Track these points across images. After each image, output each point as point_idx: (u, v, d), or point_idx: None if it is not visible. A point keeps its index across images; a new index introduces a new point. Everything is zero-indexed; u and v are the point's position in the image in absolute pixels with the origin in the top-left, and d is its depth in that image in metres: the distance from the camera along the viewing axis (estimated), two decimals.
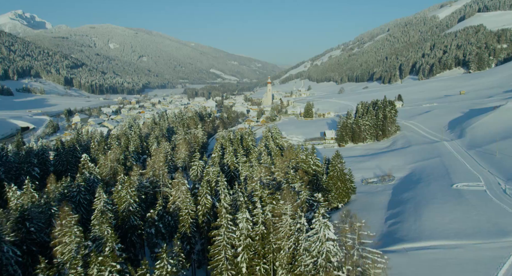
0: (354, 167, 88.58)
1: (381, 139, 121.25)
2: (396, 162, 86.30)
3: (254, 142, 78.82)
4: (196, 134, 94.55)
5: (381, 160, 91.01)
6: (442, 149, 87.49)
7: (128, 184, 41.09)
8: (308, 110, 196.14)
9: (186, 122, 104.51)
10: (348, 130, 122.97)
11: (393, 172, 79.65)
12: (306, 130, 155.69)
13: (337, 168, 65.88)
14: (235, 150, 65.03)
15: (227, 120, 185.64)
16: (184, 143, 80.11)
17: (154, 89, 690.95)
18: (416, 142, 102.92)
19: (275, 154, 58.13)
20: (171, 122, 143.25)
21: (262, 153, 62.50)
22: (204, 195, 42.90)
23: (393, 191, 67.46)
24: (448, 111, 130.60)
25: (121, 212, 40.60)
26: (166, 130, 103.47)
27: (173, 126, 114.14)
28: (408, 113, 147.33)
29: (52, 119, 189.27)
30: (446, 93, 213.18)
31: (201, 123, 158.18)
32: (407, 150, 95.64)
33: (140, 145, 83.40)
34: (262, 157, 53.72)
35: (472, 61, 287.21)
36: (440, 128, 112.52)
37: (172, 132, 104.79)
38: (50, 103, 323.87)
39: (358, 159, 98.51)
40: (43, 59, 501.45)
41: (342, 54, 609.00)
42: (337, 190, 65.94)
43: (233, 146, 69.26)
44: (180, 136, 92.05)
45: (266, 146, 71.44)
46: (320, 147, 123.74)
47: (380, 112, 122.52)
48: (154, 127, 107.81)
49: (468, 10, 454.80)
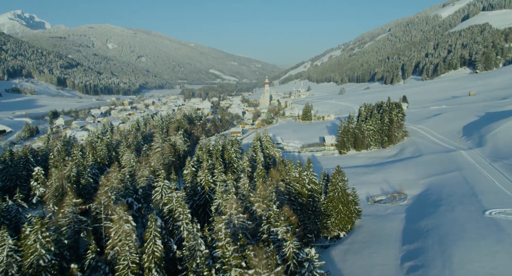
0: (357, 181, 76.17)
1: (386, 145, 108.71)
2: (407, 175, 73.82)
3: (239, 153, 65.98)
4: (174, 142, 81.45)
5: (389, 172, 78.51)
6: (461, 160, 74.95)
7: (39, 227, 28.68)
8: (307, 112, 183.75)
9: (166, 127, 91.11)
10: (350, 136, 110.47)
11: (404, 187, 67.20)
12: (303, 134, 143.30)
13: (338, 187, 53.40)
14: (213, 165, 52.69)
15: (219, 124, 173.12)
16: (156, 154, 67.57)
17: (151, 89, 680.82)
18: (428, 150, 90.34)
19: (258, 174, 45.52)
20: (156, 126, 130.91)
21: (245, 169, 50.32)
22: (152, 239, 30.48)
23: (407, 215, 54.97)
24: (460, 114, 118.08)
25: (27, 268, 28.15)
26: (142, 137, 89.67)
27: (154, 131, 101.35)
28: (415, 116, 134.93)
29: (31, 122, 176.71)
30: (454, 95, 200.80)
31: (190, 126, 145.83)
32: (418, 160, 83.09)
33: (107, 155, 71.03)
34: (241, 180, 41.35)
35: (479, 60, 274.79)
36: (454, 134, 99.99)
37: (152, 138, 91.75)
38: (39, 104, 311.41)
39: (362, 169, 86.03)
40: (36, 59, 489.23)
41: (343, 54, 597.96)
42: (338, 214, 53.48)
43: (212, 158, 56.82)
44: (157, 144, 79.61)
45: (253, 159, 59.04)
46: (319, 155, 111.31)
47: (386, 115, 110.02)
48: (128, 133, 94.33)
49: (472, 9, 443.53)
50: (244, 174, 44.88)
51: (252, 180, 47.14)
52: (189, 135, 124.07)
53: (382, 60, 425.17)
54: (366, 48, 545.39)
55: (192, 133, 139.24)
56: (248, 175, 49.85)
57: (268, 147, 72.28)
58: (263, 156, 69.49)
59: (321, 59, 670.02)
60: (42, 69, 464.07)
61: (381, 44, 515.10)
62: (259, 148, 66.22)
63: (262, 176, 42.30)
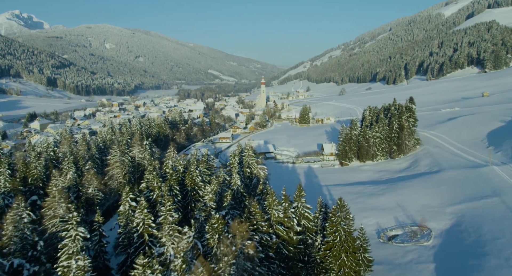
0: (364, 205, 60.39)
1: (395, 156, 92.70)
2: (428, 199, 57.93)
3: (209, 176, 49.11)
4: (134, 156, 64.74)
5: (403, 194, 62.56)
6: (496, 180, 58.98)
7: None
8: (304, 115, 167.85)
9: (126, 138, 73.91)
10: (352, 144, 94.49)
11: (427, 217, 51.38)
12: (300, 140, 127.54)
13: (340, 229, 37.48)
14: (162, 197, 36.58)
15: (208, 128, 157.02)
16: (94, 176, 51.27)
17: (147, 90, 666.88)
18: (449, 164, 74.40)
19: (212, 227, 28.76)
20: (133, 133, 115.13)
21: (207, 206, 34.52)
22: None
23: (438, 267, 39.09)
24: (480, 118, 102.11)
25: None
26: (97, 149, 72.17)
27: (112, 141, 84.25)
28: (426, 120, 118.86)
29: (1, 125, 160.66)
30: (464, 95, 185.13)
31: (173, 132, 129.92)
32: (439, 177, 67.09)
33: (43, 174, 55.17)
34: (183, 240, 25.56)
35: (488, 59, 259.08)
36: (477, 143, 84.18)
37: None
38: (23, 105, 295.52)
39: (368, 188, 70.10)
40: (26, 59, 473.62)
41: (343, 54, 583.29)
42: (340, 267, 37.57)
43: (166, 185, 40.48)
44: (114, 158, 63.52)
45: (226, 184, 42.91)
46: (316, 166, 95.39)
47: (395, 120, 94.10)
48: (74, 146, 76.46)
49: (476, 6, 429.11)
50: (211, 204, 28.71)
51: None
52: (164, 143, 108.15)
53: (383, 60, 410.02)
54: (367, 48, 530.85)
55: (174, 140, 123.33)
56: (210, 213, 33.87)
57: (250, 164, 56.49)
58: (243, 177, 53.48)
59: (320, 59, 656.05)
60: (32, 69, 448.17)
61: (382, 43, 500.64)
62: (237, 166, 50.11)
63: (219, 231, 26.50)
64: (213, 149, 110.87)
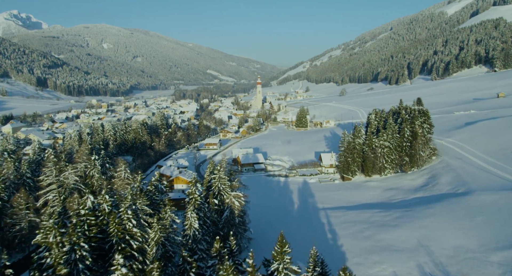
0: (372, 243, 45.46)
1: (408, 169, 77.73)
2: (461, 238, 42.96)
3: (151, 215, 32.97)
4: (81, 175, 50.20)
5: (425, 226, 47.55)
6: None
7: None
8: (302, 117, 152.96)
9: (104, 143, 58.97)
10: (356, 154, 79.50)
11: (466, 270, 36.48)
12: (295, 147, 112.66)
13: None
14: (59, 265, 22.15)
15: (195, 132, 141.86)
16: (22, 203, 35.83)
17: (143, 90, 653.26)
18: (478, 183, 59.39)
19: None
20: (107, 138, 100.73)
21: None
22: None
23: None
24: (504, 124, 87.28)
25: None
26: (28, 165, 56.62)
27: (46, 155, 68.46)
28: (439, 125, 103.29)
29: None
30: (475, 96, 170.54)
31: (152, 138, 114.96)
32: (470, 202, 52.13)
33: None
34: None
35: (497, 58, 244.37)
36: (507, 153, 69.33)
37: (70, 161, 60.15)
38: (7, 106, 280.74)
39: (378, 215, 55.08)
40: (17, 58, 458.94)
41: (343, 54, 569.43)
42: None
43: (67, 241, 25.16)
44: (48, 180, 48.74)
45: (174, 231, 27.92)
46: (314, 181, 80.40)
47: (407, 126, 79.13)
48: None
49: (481, 4, 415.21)
50: None
51: None
52: (141, 151, 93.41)
53: (385, 59, 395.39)
54: (368, 47, 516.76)
55: (152, 147, 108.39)
56: None
57: (222, 190, 41.70)
58: (208, 210, 38.36)
59: (320, 59, 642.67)
60: (21, 69, 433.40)
61: (383, 42, 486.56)
62: (198, 197, 34.82)
63: None
64: (193, 158, 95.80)
